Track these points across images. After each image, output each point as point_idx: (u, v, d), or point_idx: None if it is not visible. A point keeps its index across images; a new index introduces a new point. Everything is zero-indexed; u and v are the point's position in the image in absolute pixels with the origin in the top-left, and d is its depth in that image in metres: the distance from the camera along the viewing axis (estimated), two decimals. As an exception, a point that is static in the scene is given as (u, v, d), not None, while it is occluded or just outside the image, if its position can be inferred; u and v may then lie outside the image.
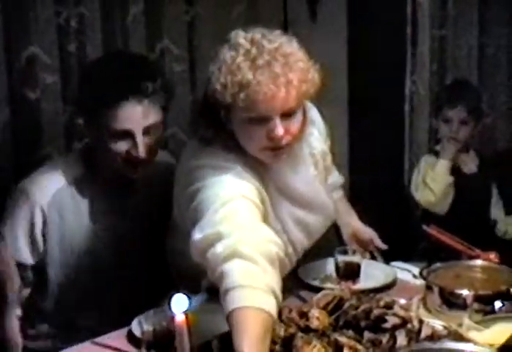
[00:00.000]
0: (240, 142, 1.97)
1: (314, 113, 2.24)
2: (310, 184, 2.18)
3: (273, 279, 1.67)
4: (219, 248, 1.69)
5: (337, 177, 2.53)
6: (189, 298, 1.42)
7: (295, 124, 1.95)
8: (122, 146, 2.15)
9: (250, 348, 1.51)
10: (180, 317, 1.38)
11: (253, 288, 1.61)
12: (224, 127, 1.97)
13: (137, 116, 2.11)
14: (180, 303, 1.40)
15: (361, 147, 3.69)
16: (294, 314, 1.77)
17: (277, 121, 1.88)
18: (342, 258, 2.23)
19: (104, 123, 2.11)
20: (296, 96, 1.88)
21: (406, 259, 2.53)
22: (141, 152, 2.14)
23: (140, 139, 2.13)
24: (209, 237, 1.73)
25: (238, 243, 1.69)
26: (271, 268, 1.69)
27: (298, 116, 1.96)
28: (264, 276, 1.66)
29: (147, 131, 2.15)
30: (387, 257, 2.46)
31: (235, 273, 1.64)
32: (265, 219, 1.91)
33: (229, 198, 1.83)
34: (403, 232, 3.44)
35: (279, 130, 1.89)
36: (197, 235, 1.76)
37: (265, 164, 2.03)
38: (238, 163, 1.95)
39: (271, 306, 1.61)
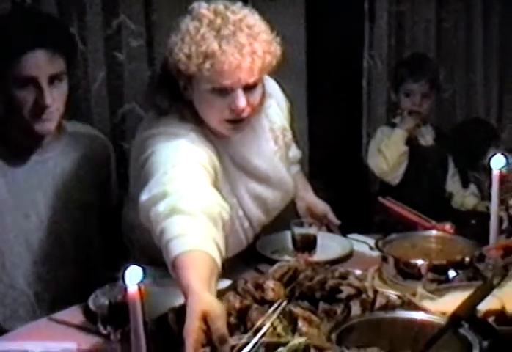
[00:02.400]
0: (200, 113, 1.97)
1: (272, 85, 2.24)
2: (269, 159, 2.18)
3: (214, 233, 1.67)
4: (161, 206, 1.70)
5: (295, 152, 2.52)
6: (144, 270, 1.41)
7: (256, 96, 1.96)
8: (27, 94, 2.09)
9: (200, 283, 1.50)
10: (132, 289, 1.37)
11: (194, 234, 1.62)
12: (181, 98, 1.97)
13: (42, 63, 2.07)
14: (133, 275, 1.38)
15: (320, 121, 3.70)
16: (249, 286, 1.76)
17: (240, 92, 1.89)
18: (298, 230, 2.23)
19: (9, 73, 2.07)
20: (261, 67, 1.89)
21: (363, 231, 2.54)
22: (48, 99, 2.09)
23: (46, 86, 2.09)
24: (154, 197, 1.74)
25: (179, 200, 1.69)
26: (212, 224, 1.69)
27: (260, 89, 1.97)
28: (203, 227, 1.66)
29: (52, 80, 2.11)
30: (344, 229, 2.47)
31: (175, 226, 1.65)
32: (216, 188, 1.89)
33: (180, 160, 1.84)
34: (360, 204, 3.47)
35: (242, 102, 1.90)
36: (144, 196, 1.77)
37: (222, 137, 2.03)
38: (193, 132, 1.96)
39: (215, 253, 1.61)
